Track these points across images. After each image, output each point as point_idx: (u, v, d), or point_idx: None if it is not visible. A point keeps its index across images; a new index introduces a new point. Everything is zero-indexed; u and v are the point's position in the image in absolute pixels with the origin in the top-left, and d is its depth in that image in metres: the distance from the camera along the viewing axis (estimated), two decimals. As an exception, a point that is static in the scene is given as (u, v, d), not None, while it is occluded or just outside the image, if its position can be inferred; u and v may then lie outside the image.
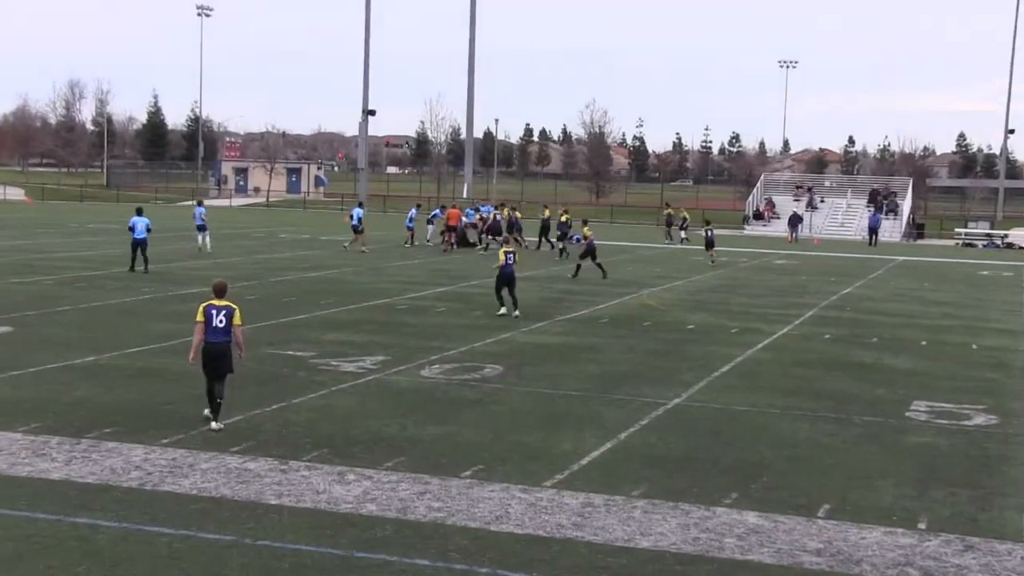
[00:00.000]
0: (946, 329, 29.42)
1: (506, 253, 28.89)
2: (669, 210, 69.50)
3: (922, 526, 12.43)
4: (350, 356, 21.82)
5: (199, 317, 15.69)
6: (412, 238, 54.63)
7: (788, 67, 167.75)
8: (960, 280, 46.12)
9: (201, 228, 46.46)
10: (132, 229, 37.46)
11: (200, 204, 48.89)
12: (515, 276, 28.94)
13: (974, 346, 26.54)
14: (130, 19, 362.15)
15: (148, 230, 37.69)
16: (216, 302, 15.83)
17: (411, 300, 31.28)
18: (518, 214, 56.45)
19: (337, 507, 12.36)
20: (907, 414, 18.44)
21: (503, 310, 28.60)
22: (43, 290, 31.09)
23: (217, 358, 15.68)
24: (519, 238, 51.31)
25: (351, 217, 50.22)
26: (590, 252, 39.75)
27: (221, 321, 15.66)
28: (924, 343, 26.64)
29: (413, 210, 56.69)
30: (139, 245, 37.24)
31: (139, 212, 38.83)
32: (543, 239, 54.46)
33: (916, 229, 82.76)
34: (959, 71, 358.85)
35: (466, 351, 23.00)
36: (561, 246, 50.25)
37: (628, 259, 50.90)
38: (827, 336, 27.18)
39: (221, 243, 49.24)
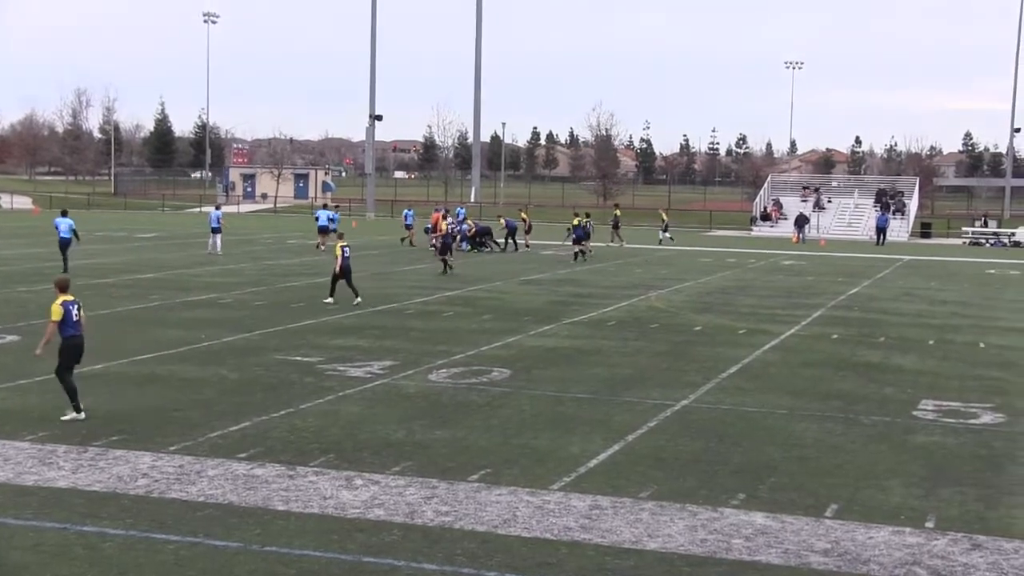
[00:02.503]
0: (953, 328, 29.37)
1: (342, 247, 31.22)
2: (617, 211, 64.63)
3: (930, 525, 12.42)
4: (357, 361, 21.83)
5: (57, 316, 16.53)
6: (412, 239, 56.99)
7: (794, 68, 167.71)
8: (967, 279, 46.03)
9: (216, 231, 48.40)
10: (57, 229, 39.22)
11: (218, 208, 51.71)
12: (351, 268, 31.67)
13: (981, 345, 26.50)
14: (136, 27, 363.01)
15: (72, 231, 39.28)
16: (69, 297, 16.78)
17: (419, 305, 31.28)
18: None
19: (344, 512, 12.37)
20: (915, 413, 18.42)
21: (330, 299, 30.90)
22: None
23: (80, 349, 16.70)
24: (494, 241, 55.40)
25: (317, 219, 53.12)
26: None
27: (77, 315, 16.68)
28: (931, 342, 26.60)
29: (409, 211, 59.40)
30: (66, 246, 38.90)
31: (63, 214, 40.53)
32: (509, 241, 55.90)
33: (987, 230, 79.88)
34: (965, 70, 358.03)
35: (474, 355, 23.01)
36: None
37: (636, 261, 50.90)
38: (835, 336, 27.15)
39: (229, 249, 49.35)
